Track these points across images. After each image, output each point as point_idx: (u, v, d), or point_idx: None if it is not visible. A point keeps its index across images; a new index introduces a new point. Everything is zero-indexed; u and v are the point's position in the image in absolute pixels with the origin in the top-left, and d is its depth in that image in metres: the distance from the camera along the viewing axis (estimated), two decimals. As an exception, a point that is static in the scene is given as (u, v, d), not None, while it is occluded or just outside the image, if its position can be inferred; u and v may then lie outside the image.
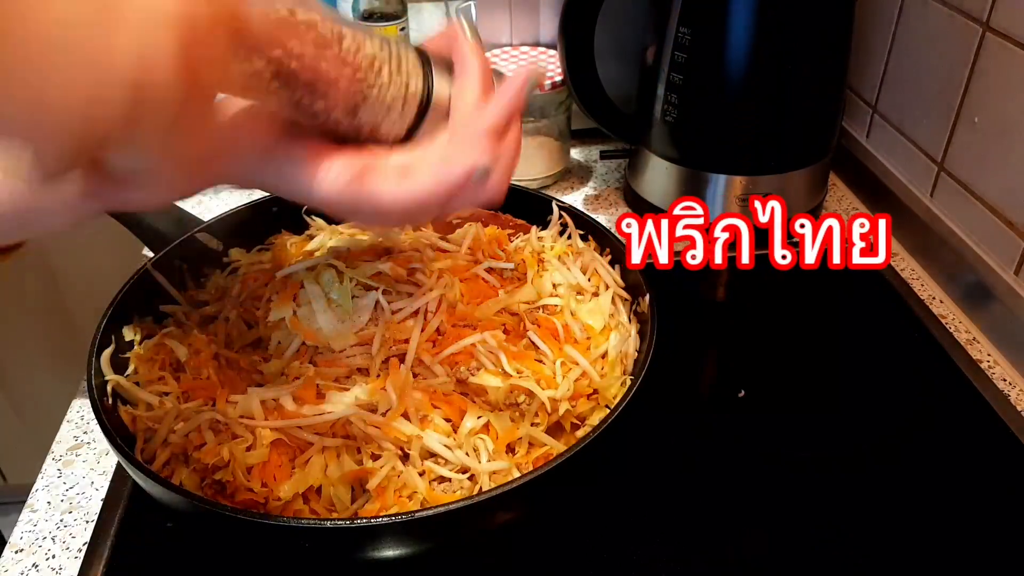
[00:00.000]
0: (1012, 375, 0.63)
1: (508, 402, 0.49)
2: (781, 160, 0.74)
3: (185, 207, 0.73)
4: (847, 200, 0.85)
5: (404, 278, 0.56)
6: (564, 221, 0.63)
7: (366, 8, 0.98)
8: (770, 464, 0.56)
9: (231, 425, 0.47)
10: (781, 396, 0.61)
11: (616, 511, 0.53)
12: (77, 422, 0.61)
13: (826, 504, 0.53)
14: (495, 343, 0.51)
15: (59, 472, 0.57)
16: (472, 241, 0.61)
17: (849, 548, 0.50)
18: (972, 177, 0.69)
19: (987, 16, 0.64)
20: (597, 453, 0.45)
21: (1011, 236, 0.64)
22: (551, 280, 0.58)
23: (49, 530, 0.53)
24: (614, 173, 0.90)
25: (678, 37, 0.70)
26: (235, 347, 0.55)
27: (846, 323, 0.69)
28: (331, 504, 0.46)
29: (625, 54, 0.80)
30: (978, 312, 0.68)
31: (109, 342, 0.53)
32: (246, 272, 0.60)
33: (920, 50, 0.74)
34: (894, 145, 0.80)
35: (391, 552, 0.43)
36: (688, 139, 0.75)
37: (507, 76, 0.41)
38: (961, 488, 0.54)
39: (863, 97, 0.84)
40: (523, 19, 0.87)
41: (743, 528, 0.52)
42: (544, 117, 0.82)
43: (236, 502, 0.46)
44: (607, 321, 0.56)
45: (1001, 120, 0.64)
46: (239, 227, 0.64)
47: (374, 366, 0.51)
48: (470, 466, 0.47)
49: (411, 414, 0.48)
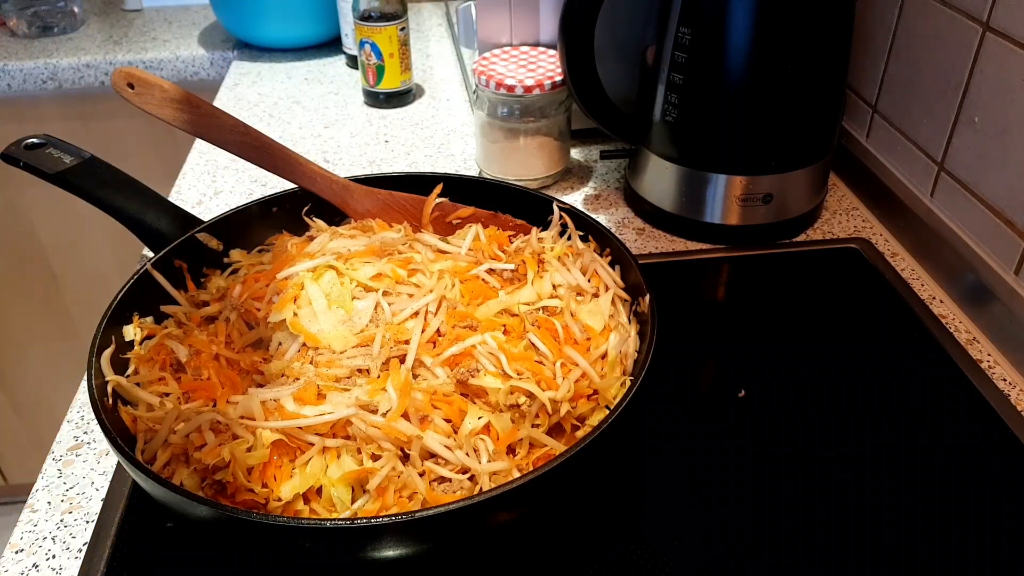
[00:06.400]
0: (1012, 375, 0.63)
1: (508, 403, 0.50)
2: (781, 160, 0.74)
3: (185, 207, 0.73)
4: (847, 200, 0.85)
5: (404, 279, 0.56)
6: (564, 221, 0.63)
7: (366, 8, 0.98)
8: (770, 464, 0.56)
9: (232, 426, 0.47)
10: (781, 396, 0.61)
11: (616, 511, 0.53)
12: (77, 422, 0.61)
13: (826, 504, 0.53)
14: (495, 344, 0.51)
15: (59, 472, 0.57)
16: (472, 242, 0.61)
17: (849, 548, 0.50)
18: (972, 177, 0.69)
19: (987, 16, 0.64)
20: (597, 453, 0.45)
21: (1011, 236, 0.64)
22: (551, 281, 0.58)
23: (49, 530, 0.53)
24: (614, 173, 0.90)
25: (678, 37, 0.70)
26: (236, 348, 0.55)
27: (846, 323, 0.69)
28: (331, 504, 0.46)
29: (625, 54, 0.80)
30: (978, 312, 0.68)
31: (109, 342, 0.53)
32: (247, 273, 0.60)
33: (920, 50, 0.74)
34: (894, 145, 0.80)
35: (391, 552, 0.43)
36: (688, 139, 0.75)
37: None
38: (961, 488, 0.54)
39: (863, 97, 0.84)
40: (523, 19, 0.87)
41: (743, 528, 0.52)
42: (544, 117, 0.82)
43: (236, 502, 0.46)
44: (607, 322, 0.56)
45: (1001, 120, 0.64)
46: (239, 227, 0.64)
47: (374, 367, 0.51)
48: (470, 466, 0.47)
49: (411, 415, 0.48)
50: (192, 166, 0.94)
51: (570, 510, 0.52)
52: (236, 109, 1.08)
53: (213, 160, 0.95)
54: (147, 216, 0.62)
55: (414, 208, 0.67)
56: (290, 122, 1.04)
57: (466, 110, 1.06)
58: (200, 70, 1.28)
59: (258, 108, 1.08)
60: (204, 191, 0.89)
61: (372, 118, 1.04)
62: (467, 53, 0.99)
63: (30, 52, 1.27)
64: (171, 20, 1.40)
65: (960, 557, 0.50)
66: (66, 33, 1.34)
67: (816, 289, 0.73)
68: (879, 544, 0.50)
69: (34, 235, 1.38)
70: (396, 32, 0.99)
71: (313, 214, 0.66)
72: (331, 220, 0.67)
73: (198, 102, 0.62)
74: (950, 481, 0.54)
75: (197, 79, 1.28)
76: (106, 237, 1.38)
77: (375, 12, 0.98)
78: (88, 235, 1.38)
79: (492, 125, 0.83)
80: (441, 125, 1.02)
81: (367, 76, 1.03)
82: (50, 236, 1.39)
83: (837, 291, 0.72)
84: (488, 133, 0.84)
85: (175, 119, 0.61)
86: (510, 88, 0.79)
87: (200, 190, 0.90)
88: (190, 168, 0.94)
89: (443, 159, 0.94)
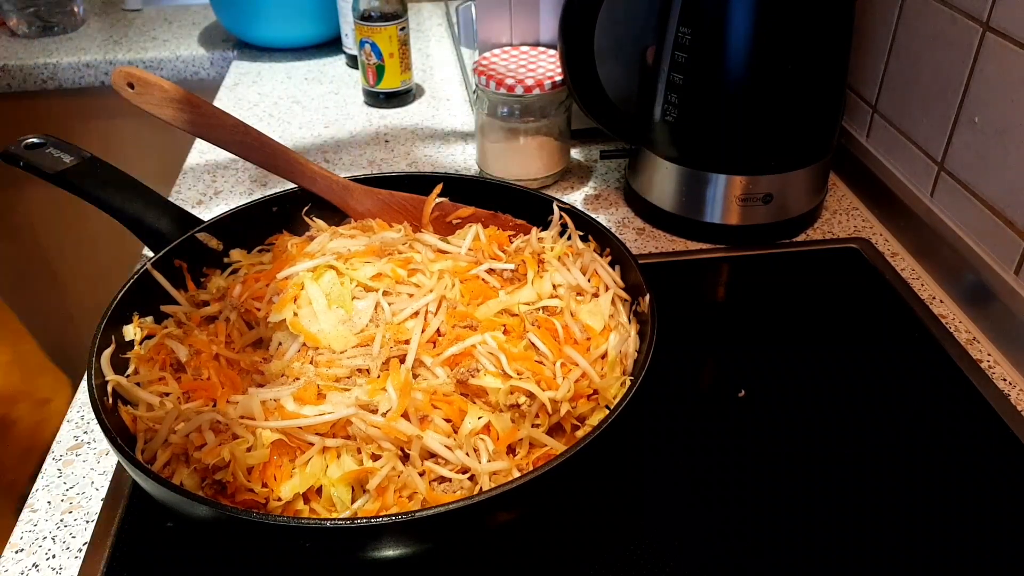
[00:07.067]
0: (1012, 375, 0.63)
1: (508, 403, 0.50)
2: (781, 160, 0.74)
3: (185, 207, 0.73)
4: (847, 200, 0.85)
5: (404, 279, 0.56)
6: (564, 221, 0.63)
7: (366, 8, 0.98)
8: (770, 464, 0.56)
9: (232, 426, 0.47)
10: (781, 396, 0.61)
11: (616, 511, 0.53)
12: (77, 422, 0.61)
13: (826, 504, 0.53)
14: (495, 344, 0.51)
15: (59, 472, 0.57)
16: (472, 242, 0.61)
17: (849, 548, 0.50)
18: (972, 177, 0.69)
19: (987, 16, 0.64)
20: (597, 453, 0.45)
21: (1011, 236, 0.64)
22: (551, 281, 0.58)
23: (49, 530, 0.53)
24: (614, 173, 0.90)
25: (678, 37, 0.70)
26: (236, 348, 0.55)
27: (846, 323, 0.69)
28: (331, 504, 0.46)
29: (625, 54, 0.80)
30: (978, 312, 0.68)
31: (109, 342, 0.53)
32: (247, 273, 0.60)
33: (920, 50, 0.74)
34: (894, 145, 0.80)
35: (391, 552, 0.43)
36: (688, 139, 0.75)
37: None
38: (961, 488, 0.54)
39: (863, 97, 0.84)
40: (523, 19, 0.87)
41: (743, 528, 0.52)
42: (544, 117, 0.82)
43: (236, 502, 0.46)
44: (607, 322, 0.56)
45: (1001, 120, 0.64)
46: (239, 227, 0.64)
47: (374, 367, 0.51)
48: (470, 466, 0.47)
49: (411, 415, 0.48)
50: (192, 166, 0.94)
51: (570, 510, 0.52)
52: (236, 109, 1.08)
53: (213, 160, 0.95)
54: (147, 216, 0.62)
55: (414, 208, 0.67)
56: (290, 122, 1.04)
57: (466, 110, 1.06)
58: (200, 70, 1.28)
59: (258, 108, 1.08)
60: (204, 191, 0.89)
61: (372, 118, 1.04)
62: (467, 53, 0.99)
63: (30, 52, 1.27)
64: (171, 20, 1.40)
65: (960, 557, 0.50)
66: (66, 33, 1.34)
67: (816, 289, 0.73)
68: (879, 544, 0.50)
69: (34, 235, 1.38)
70: (396, 32, 0.99)
71: (313, 214, 0.66)
72: (331, 220, 0.67)
73: (198, 102, 0.62)
74: (950, 481, 0.54)
75: (197, 79, 1.28)
76: (106, 237, 1.38)
77: (375, 12, 0.98)
78: (88, 235, 1.38)
79: (492, 125, 0.83)
80: (441, 125, 1.02)
81: (367, 76, 1.03)
82: (50, 236, 1.39)
83: (837, 291, 0.72)
84: (488, 133, 0.84)
85: (175, 119, 0.61)
86: (510, 88, 0.79)
87: (200, 190, 0.90)
88: (190, 168, 0.94)
89: (443, 159, 0.94)
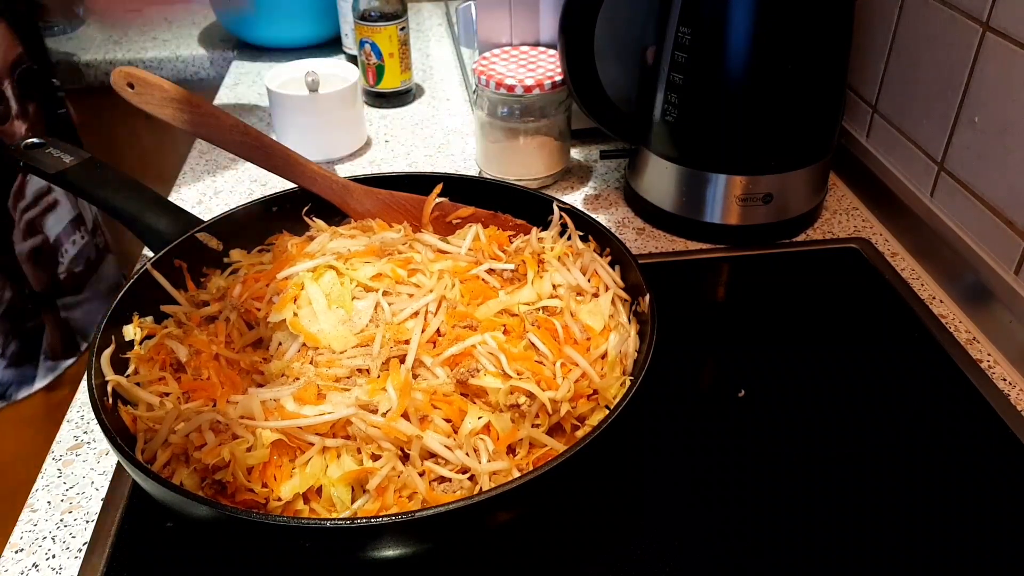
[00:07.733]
0: (1012, 375, 0.63)
1: (508, 403, 0.50)
2: (781, 160, 0.74)
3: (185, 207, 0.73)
4: (847, 200, 0.85)
5: (404, 279, 0.56)
6: (564, 221, 0.63)
7: (366, 8, 0.98)
8: (770, 464, 0.56)
9: (232, 426, 0.47)
10: (781, 396, 0.61)
11: (616, 511, 0.53)
12: (77, 422, 0.61)
13: (826, 504, 0.53)
14: (495, 344, 0.51)
15: (59, 472, 0.57)
16: (472, 242, 0.61)
17: (849, 547, 0.50)
18: (972, 177, 0.69)
19: (987, 16, 0.64)
20: (597, 453, 0.45)
21: (1011, 236, 0.64)
22: (551, 281, 0.58)
23: (49, 530, 0.53)
24: (614, 173, 0.90)
25: (678, 37, 0.70)
26: (236, 348, 0.55)
27: (846, 323, 0.69)
28: (331, 504, 0.46)
29: (625, 54, 0.80)
30: (978, 312, 0.68)
31: (109, 342, 0.53)
32: (246, 273, 0.60)
33: (920, 50, 0.74)
34: (894, 145, 0.80)
35: (391, 552, 0.43)
36: (688, 139, 0.75)
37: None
38: (961, 488, 0.54)
39: (863, 97, 0.84)
40: (523, 19, 0.87)
41: (743, 528, 0.52)
42: (544, 117, 0.82)
43: (236, 502, 0.46)
44: (607, 322, 0.56)
45: (1001, 120, 0.64)
46: (239, 227, 0.64)
47: (374, 367, 0.51)
48: (470, 466, 0.47)
49: (411, 415, 0.48)
50: (192, 166, 0.94)
51: (570, 510, 0.52)
52: (236, 109, 1.08)
53: (213, 160, 0.95)
54: (147, 216, 0.62)
55: (414, 208, 0.67)
56: (290, 122, 1.04)
57: (466, 110, 1.06)
58: (200, 70, 1.28)
59: (258, 108, 1.08)
60: (204, 191, 0.89)
61: (372, 118, 1.04)
62: (467, 53, 0.99)
63: (30, 52, 1.27)
64: (171, 20, 1.40)
65: (960, 557, 0.50)
66: (66, 33, 1.34)
67: (816, 289, 0.73)
68: (879, 544, 0.50)
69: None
70: (396, 32, 0.99)
71: (313, 214, 0.66)
72: (331, 220, 0.67)
73: (198, 102, 0.62)
74: (950, 481, 0.54)
75: (197, 79, 1.28)
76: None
77: (375, 12, 0.98)
78: (88, 235, 1.38)
79: (492, 125, 0.83)
80: (441, 125, 1.02)
81: (367, 76, 1.03)
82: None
83: (837, 291, 0.72)
84: (488, 133, 0.84)
85: (175, 119, 0.61)
86: (510, 88, 0.79)
87: (200, 190, 0.90)
88: (190, 168, 0.94)
89: (443, 159, 0.94)
